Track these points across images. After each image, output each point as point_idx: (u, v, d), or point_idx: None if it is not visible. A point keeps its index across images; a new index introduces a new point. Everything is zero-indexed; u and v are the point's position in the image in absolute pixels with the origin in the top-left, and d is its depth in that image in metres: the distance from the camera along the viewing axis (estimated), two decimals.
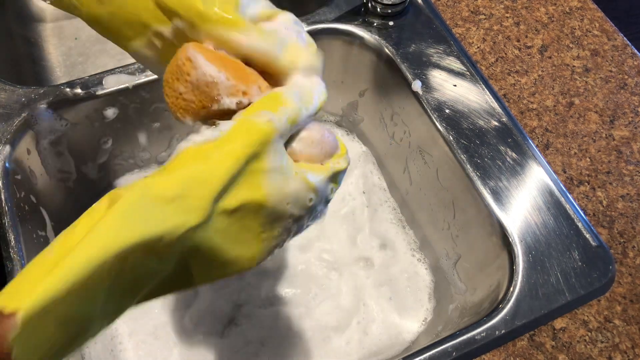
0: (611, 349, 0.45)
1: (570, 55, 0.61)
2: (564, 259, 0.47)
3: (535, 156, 0.52)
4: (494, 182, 0.50)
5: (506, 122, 0.54)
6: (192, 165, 0.26)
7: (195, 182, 0.25)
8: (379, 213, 0.64)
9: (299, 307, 0.58)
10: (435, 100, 0.55)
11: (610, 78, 0.59)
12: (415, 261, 0.61)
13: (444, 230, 0.57)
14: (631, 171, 0.54)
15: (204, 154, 0.26)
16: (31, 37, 0.76)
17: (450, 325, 0.51)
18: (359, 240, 0.63)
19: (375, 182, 0.66)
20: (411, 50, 0.57)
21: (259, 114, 0.27)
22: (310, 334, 0.57)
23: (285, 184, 0.28)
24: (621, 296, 0.47)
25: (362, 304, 0.59)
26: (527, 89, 0.58)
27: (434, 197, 0.58)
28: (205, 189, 0.25)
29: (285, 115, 0.28)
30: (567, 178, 0.53)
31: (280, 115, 0.28)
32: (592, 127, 0.56)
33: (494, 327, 0.44)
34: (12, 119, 0.51)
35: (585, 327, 0.46)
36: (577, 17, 0.64)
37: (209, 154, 0.26)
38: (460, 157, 0.52)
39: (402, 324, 0.57)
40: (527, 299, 0.45)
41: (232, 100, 0.29)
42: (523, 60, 0.60)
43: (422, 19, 0.60)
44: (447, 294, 0.57)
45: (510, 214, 0.49)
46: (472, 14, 0.63)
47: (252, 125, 0.27)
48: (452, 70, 0.56)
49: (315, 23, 0.59)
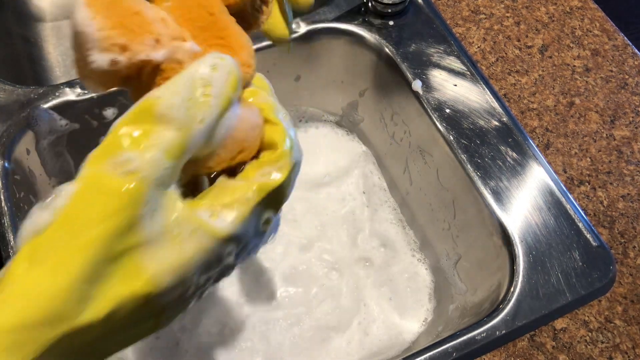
0: (612, 350, 0.45)
1: (570, 55, 0.60)
2: (565, 259, 0.47)
3: (536, 156, 0.52)
4: (494, 182, 0.50)
5: (507, 122, 0.54)
6: (24, 285, 0.17)
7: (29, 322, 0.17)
8: (379, 213, 0.64)
9: (300, 307, 0.58)
10: (436, 100, 0.54)
11: (611, 78, 0.59)
12: (415, 261, 0.61)
13: (444, 230, 0.57)
14: (632, 171, 0.53)
15: (39, 259, 0.18)
16: (30, 37, 0.76)
17: (451, 326, 0.51)
18: (359, 240, 0.63)
19: (376, 182, 0.66)
20: (411, 50, 0.57)
21: (112, 161, 0.19)
22: (311, 334, 0.57)
23: (181, 250, 0.19)
24: (622, 296, 0.47)
25: (363, 304, 0.59)
26: (527, 89, 0.58)
27: (434, 197, 0.58)
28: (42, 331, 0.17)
29: (157, 151, 0.19)
30: (568, 178, 0.53)
31: (149, 154, 0.19)
32: (593, 127, 0.56)
33: (495, 327, 0.44)
34: (12, 119, 0.51)
35: (586, 327, 0.46)
36: (578, 17, 0.63)
37: (44, 257, 0.18)
38: (460, 157, 0.52)
39: (403, 324, 0.57)
40: (528, 299, 0.45)
41: (104, 57, 0.22)
42: (523, 60, 0.60)
43: (423, 18, 0.60)
44: (447, 294, 0.57)
45: (511, 214, 0.49)
46: (472, 13, 0.63)
47: (101, 187, 0.18)
48: (453, 70, 0.56)
49: (315, 22, 0.59)
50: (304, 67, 0.62)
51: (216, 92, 0.21)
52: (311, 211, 0.64)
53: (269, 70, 0.60)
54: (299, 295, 0.59)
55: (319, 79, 0.65)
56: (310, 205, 0.64)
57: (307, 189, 0.65)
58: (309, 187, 0.65)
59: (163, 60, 0.23)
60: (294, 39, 0.58)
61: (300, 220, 0.63)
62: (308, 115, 0.69)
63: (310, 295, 0.59)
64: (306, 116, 0.69)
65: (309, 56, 0.61)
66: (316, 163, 0.66)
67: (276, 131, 0.23)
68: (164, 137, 0.19)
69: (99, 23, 0.22)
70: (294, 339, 0.56)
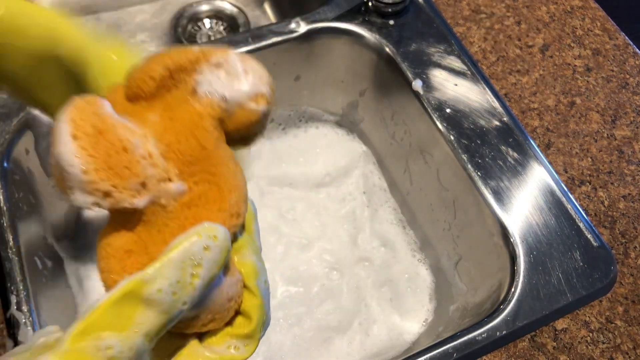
0: (613, 350, 0.45)
1: (571, 55, 0.60)
2: (566, 259, 0.47)
3: (537, 156, 0.52)
4: (495, 182, 0.50)
5: (507, 121, 0.53)
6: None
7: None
8: (379, 213, 0.64)
9: (300, 307, 0.58)
10: (436, 99, 0.54)
11: (612, 77, 0.59)
12: (415, 262, 0.61)
13: (444, 230, 0.57)
14: (633, 171, 0.53)
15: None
16: None
17: (451, 326, 0.50)
18: (359, 240, 0.63)
19: (376, 182, 0.66)
20: (412, 50, 0.57)
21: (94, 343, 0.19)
22: (312, 334, 0.56)
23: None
24: (623, 297, 0.47)
25: (364, 304, 0.59)
26: (528, 89, 0.58)
27: (434, 198, 0.58)
28: None
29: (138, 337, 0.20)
30: (569, 178, 0.53)
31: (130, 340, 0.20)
32: (594, 126, 0.56)
33: (495, 327, 0.44)
34: (11, 119, 0.50)
35: (587, 327, 0.46)
36: (579, 16, 0.63)
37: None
38: (461, 157, 0.51)
39: (403, 324, 0.57)
40: (529, 299, 0.45)
41: (87, 199, 0.21)
42: (524, 59, 0.60)
43: (423, 18, 0.60)
44: (448, 294, 0.57)
45: (512, 214, 0.49)
46: (473, 13, 0.63)
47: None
48: (453, 69, 0.56)
49: (315, 22, 0.58)
50: (304, 66, 0.62)
51: (204, 273, 0.21)
52: (311, 211, 0.64)
53: (269, 70, 0.60)
54: (299, 295, 0.59)
55: (319, 79, 0.64)
56: (311, 205, 0.64)
57: (307, 189, 0.65)
58: (309, 187, 0.65)
59: (146, 205, 0.22)
60: (294, 38, 0.58)
61: (300, 220, 0.63)
62: (308, 115, 0.69)
63: (310, 295, 0.59)
64: (306, 116, 0.69)
65: (309, 56, 0.61)
66: (316, 163, 0.66)
67: (253, 304, 0.24)
68: (147, 321, 0.20)
69: (83, 163, 0.21)
70: (295, 339, 0.56)
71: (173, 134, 0.24)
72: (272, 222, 0.62)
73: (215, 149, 0.24)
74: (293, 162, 0.66)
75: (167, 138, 0.23)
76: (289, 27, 0.58)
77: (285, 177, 0.65)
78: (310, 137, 0.68)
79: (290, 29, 0.58)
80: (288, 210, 0.63)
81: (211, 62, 0.25)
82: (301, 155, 0.66)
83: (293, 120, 0.68)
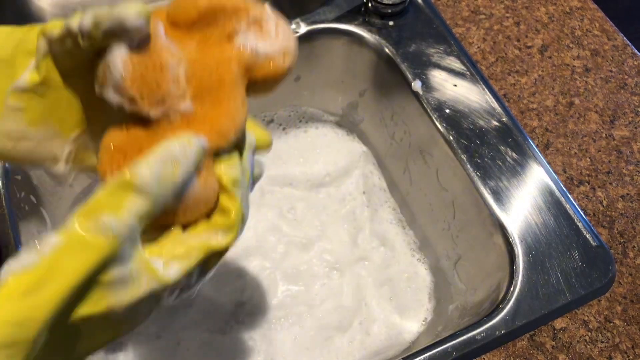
0: (611, 349, 0.45)
1: (570, 55, 0.61)
2: (564, 259, 0.47)
3: (536, 156, 0.52)
4: (494, 182, 0.50)
5: (506, 122, 0.54)
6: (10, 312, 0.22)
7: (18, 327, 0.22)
8: (379, 213, 0.64)
9: (301, 306, 0.58)
10: (436, 100, 0.55)
11: (611, 78, 0.59)
12: (415, 261, 0.61)
13: (444, 230, 0.57)
14: (631, 171, 0.54)
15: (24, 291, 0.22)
16: None
17: (451, 326, 0.51)
18: (359, 240, 0.63)
19: (376, 182, 0.66)
20: (411, 50, 0.57)
21: (94, 222, 0.23)
22: (312, 333, 0.57)
23: (136, 290, 0.25)
24: (621, 296, 0.47)
25: (364, 304, 0.59)
26: (527, 89, 0.58)
27: (434, 197, 0.58)
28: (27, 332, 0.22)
29: (132, 217, 0.24)
30: (568, 178, 0.53)
31: (124, 219, 0.24)
32: (593, 127, 0.56)
33: (494, 327, 0.44)
34: None
35: (586, 327, 0.46)
36: (577, 17, 0.64)
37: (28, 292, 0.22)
38: (460, 157, 0.52)
39: (403, 324, 0.57)
40: (528, 299, 0.45)
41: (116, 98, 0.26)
42: (523, 60, 0.60)
43: (422, 18, 0.60)
44: (447, 294, 0.57)
45: (511, 214, 0.49)
46: (472, 13, 0.63)
47: (82, 244, 0.23)
48: (453, 70, 0.56)
49: (315, 23, 0.59)
50: (304, 67, 0.62)
51: (182, 170, 0.26)
52: (311, 211, 0.64)
53: None
54: (300, 294, 0.59)
55: (319, 79, 0.65)
56: (311, 205, 0.64)
57: (307, 189, 0.65)
58: (309, 187, 0.65)
59: (157, 115, 0.26)
60: None
61: (300, 220, 0.63)
62: (308, 115, 0.69)
63: (311, 295, 0.59)
64: (306, 116, 0.69)
65: (309, 56, 0.61)
66: (316, 163, 0.66)
67: (232, 202, 0.28)
68: (138, 206, 0.24)
69: (125, 70, 0.25)
70: (296, 338, 0.56)
71: (201, 65, 0.27)
72: (273, 222, 0.63)
73: (231, 87, 0.28)
74: (293, 162, 0.66)
75: (195, 67, 0.27)
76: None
77: (285, 177, 0.65)
78: (311, 137, 0.68)
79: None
80: (288, 210, 0.64)
81: (250, 15, 0.28)
82: (301, 155, 0.67)
83: (293, 120, 0.69)
